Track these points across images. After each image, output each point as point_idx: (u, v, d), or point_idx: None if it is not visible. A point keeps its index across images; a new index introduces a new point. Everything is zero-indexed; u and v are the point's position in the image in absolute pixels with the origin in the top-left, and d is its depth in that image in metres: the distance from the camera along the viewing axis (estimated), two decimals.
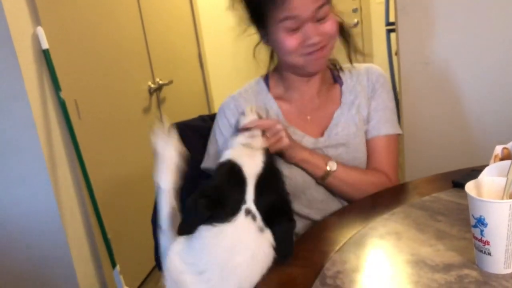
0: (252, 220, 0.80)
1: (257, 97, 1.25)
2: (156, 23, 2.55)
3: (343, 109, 1.24)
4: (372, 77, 1.26)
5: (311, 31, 1.09)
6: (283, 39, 1.12)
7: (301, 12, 1.08)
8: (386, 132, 1.24)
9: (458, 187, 1.08)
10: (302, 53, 1.13)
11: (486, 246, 0.75)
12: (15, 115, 1.62)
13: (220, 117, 1.26)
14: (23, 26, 1.62)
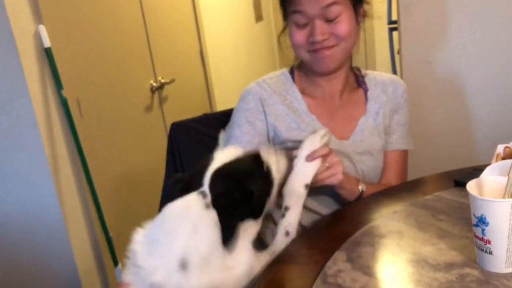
0: (202, 198, 0.85)
1: (281, 87, 1.25)
2: (158, 22, 2.55)
3: (368, 116, 1.25)
4: (398, 90, 1.27)
5: (317, 29, 1.10)
6: (292, 32, 1.15)
7: (308, 8, 1.10)
8: (404, 147, 1.29)
9: (460, 186, 1.08)
10: (308, 49, 1.15)
11: (488, 245, 0.75)
12: (17, 114, 1.62)
13: (243, 100, 1.24)
14: (25, 24, 1.62)
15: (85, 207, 1.85)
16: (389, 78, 1.29)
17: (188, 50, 2.93)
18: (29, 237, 1.75)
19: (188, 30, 2.94)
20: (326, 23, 1.11)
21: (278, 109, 1.21)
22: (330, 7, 1.09)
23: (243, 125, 1.20)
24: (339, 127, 1.23)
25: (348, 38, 1.14)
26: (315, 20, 1.11)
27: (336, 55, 1.16)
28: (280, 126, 1.20)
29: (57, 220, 1.71)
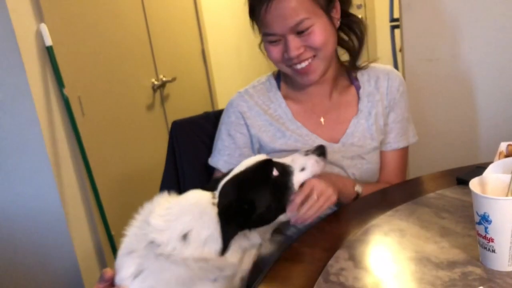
0: (211, 197, 0.93)
1: (265, 94, 1.23)
2: (159, 20, 2.55)
3: (359, 117, 1.21)
4: (393, 84, 1.22)
5: (290, 44, 1.08)
6: (267, 49, 1.13)
7: (278, 29, 1.07)
8: (402, 145, 1.25)
9: (463, 184, 1.07)
10: (286, 64, 1.13)
11: (490, 243, 0.75)
12: (19, 112, 1.62)
13: (226, 113, 1.24)
14: (27, 23, 1.62)
15: (87, 206, 1.85)
16: (384, 71, 1.24)
17: (189, 48, 2.93)
18: (31, 235, 1.75)
19: (189, 28, 2.93)
20: (298, 37, 1.08)
21: (260, 120, 1.20)
22: (301, 23, 1.06)
23: (225, 138, 1.22)
24: (329, 131, 1.20)
25: (325, 46, 1.10)
26: (286, 36, 1.08)
27: (316, 67, 1.12)
28: (264, 137, 1.19)
29: (59, 219, 1.71)
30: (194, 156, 1.34)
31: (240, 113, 1.20)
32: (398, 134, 1.24)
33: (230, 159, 1.20)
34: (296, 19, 1.05)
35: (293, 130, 1.19)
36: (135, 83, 2.31)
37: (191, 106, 2.81)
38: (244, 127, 1.20)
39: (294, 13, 1.05)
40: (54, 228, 1.73)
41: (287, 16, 1.05)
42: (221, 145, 1.22)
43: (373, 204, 1.11)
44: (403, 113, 1.25)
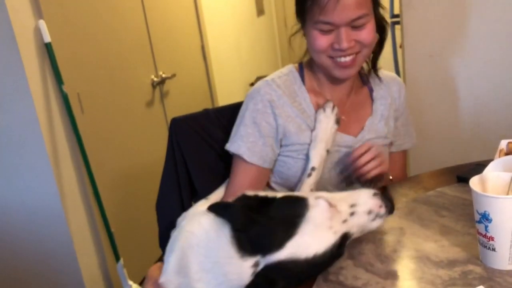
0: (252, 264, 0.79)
1: (291, 87, 1.22)
2: (159, 16, 2.54)
3: (374, 118, 1.25)
4: (401, 90, 1.29)
5: (343, 36, 1.08)
6: (315, 37, 1.12)
7: (337, 20, 1.07)
8: (407, 147, 1.34)
9: (463, 182, 1.07)
10: (330, 55, 1.13)
11: (491, 241, 0.75)
12: (18, 109, 1.61)
13: (251, 100, 1.20)
14: (25, 19, 1.61)
15: (87, 203, 1.85)
16: (391, 77, 1.30)
17: (189, 44, 2.92)
18: (31, 233, 1.75)
19: (189, 25, 2.93)
20: (351, 30, 1.09)
21: (288, 111, 1.19)
22: (361, 18, 1.08)
23: (249, 125, 1.19)
24: (347, 126, 1.23)
25: (372, 44, 1.14)
26: (341, 28, 1.08)
27: (358, 62, 1.14)
28: (291, 128, 1.18)
29: (58, 216, 1.71)
30: (194, 153, 1.33)
31: (268, 101, 1.18)
32: (406, 136, 1.32)
33: (254, 147, 1.17)
34: (358, 13, 1.06)
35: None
36: (134, 80, 2.31)
37: (191, 103, 2.81)
38: (271, 116, 1.18)
39: (358, 6, 1.06)
40: (53, 225, 1.73)
41: (351, 8, 1.05)
42: (244, 131, 1.19)
43: None
44: (408, 117, 1.33)
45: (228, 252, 0.78)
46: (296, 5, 1.16)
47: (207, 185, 1.31)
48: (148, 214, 1.53)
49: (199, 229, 0.83)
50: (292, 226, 0.78)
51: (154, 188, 1.39)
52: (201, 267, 0.80)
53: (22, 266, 1.79)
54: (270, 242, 0.77)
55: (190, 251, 0.83)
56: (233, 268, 0.77)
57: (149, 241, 1.65)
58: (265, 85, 1.20)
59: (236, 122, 1.23)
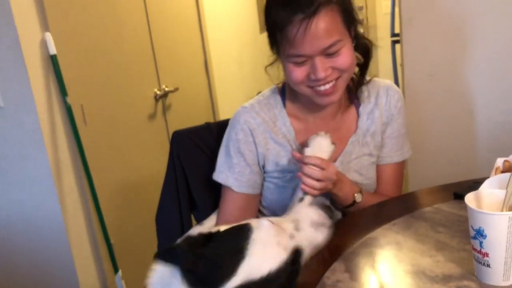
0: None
1: (271, 111, 1.20)
2: (163, 30, 2.57)
3: (358, 135, 1.21)
4: (391, 101, 1.22)
5: (318, 66, 1.04)
6: (290, 70, 1.08)
7: (309, 51, 1.03)
8: (397, 160, 1.26)
9: (460, 199, 1.08)
10: (308, 85, 1.09)
11: (485, 258, 0.76)
12: (22, 119, 1.63)
13: (233, 129, 1.20)
14: (32, 31, 1.64)
15: (87, 214, 1.86)
16: (384, 86, 1.23)
17: (192, 59, 2.95)
18: (30, 242, 1.75)
19: (192, 40, 2.96)
20: (326, 58, 1.05)
21: (267, 138, 1.18)
22: (331, 46, 1.03)
23: (233, 156, 1.19)
24: None
25: (351, 68, 1.09)
26: (315, 58, 1.04)
27: (339, 88, 1.10)
28: (269, 156, 1.18)
29: (58, 226, 1.72)
30: (194, 166, 1.35)
31: (249, 129, 1.17)
32: (393, 149, 1.25)
33: (241, 176, 1.18)
34: (329, 41, 1.02)
35: (295, 150, 1.18)
36: (137, 93, 2.33)
37: (193, 117, 2.83)
38: (253, 144, 1.18)
39: (327, 34, 1.01)
40: (53, 236, 1.73)
41: (320, 37, 1.01)
42: (230, 162, 1.19)
43: (370, 217, 1.12)
44: (400, 129, 1.25)
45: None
46: (268, 38, 1.13)
47: (206, 198, 1.32)
48: (148, 226, 1.54)
49: (155, 277, 0.82)
50: (239, 251, 0.77)
51: (154, 200, 1.40)
52: None
53: (21, 276, 1.79)
54: (221, 273, 0.75)
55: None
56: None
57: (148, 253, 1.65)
58: (243, 113, 1.19)
59: (220, 150, 1.23)
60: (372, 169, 1.24)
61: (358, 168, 1.21)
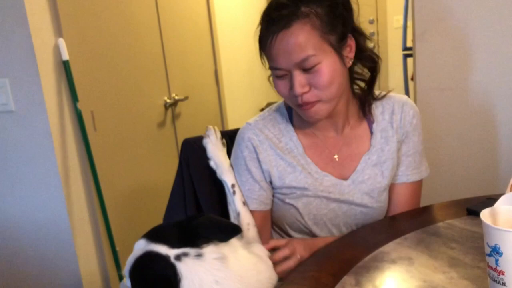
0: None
1: (276, 126, 1.18)
2: (174, 40, 2.59)
3: (371, 153, 1.17)
4: (406, 117, 1.17)
5: (295, 81, 1.03)
6: (275, 82, 1.09)
7: (283, 64, 1.03)
8: (414, 179, 1.20)
9: (473, 215, 1.06)
10: (292, 102, 1.09)
11: (501, 275, 0.74)
12: (32, 123, 1.64)
13: (238, 147, 1.19)
14: (46, 37, 1.65)
15: (94, 220, 1.85)
16: (399, 102, 1.19)
17: (203, 68, 2.96)
18: (37, 247, 1.75)
19: (204, 49, 2.97)
20: (304, 73, 1.03)
21: (271, 154, 1.16)
22: (307, 60, 1.01)
23: (242, 173, 1.18)
24: (340, 166, 1.17)
25: (330, 87, 1.04)
26: (292, 71, 1.03)
27: (321, 110, 1.07)
28: (274, 172, 1.16)
29: (64, 231, 1.71)
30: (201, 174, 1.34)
31: (253, 147, 1.16)
32: (409, 167, 1.20)
33: (251, 194, 1.17)
34: (301, 55, 1.00)
35: (303, 165, 1.15)
36: (148, 101, 2.34)
37: (202, 125, 2.82)
38: (257, 161, 1.17)
39: (299, 49, 1.00)
40: (59, 241, 1.73)
41: (292, 51, 1.00)
42: (239, 179, 1.19)
43: (381, 230, 1.10)
44: (416, 146, 1.20)
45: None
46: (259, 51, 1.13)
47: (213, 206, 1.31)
48: None
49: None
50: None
51: (161, 208, 1.39)
52: None
53: (26, 278, 1.79)
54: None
55: None
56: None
57: None
58: (247, 130, 1.18)
59: (232, 161, 1.22)
60: (385, 193, 1.19)
61: (369, 190, 1.16)
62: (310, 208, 1.16)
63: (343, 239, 1.10)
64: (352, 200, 1.16)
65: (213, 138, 1.14)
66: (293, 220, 1.19)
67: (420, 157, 1.22)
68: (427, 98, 1.84)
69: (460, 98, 1.80)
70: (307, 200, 1.15)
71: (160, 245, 0.84)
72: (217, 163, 1.16)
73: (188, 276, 0.81)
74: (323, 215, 1.17)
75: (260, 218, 1.18)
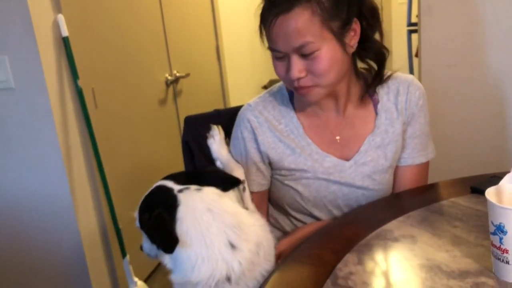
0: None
1: (276, 108, 1.17)
2: (175, 16, 2.55)
3: (376, 135, 1.15)
4: (412, 98, 1.15)
5: (292, 65, 1.02)
6: (273, 63, 1.08)
7: (282, 47, 1.02)
8: (419, 161, 1.19)
9: (477, 193, 1.06)
10: (289, 84, 1.08)
11: (505, 254, 0.74)
12: (33, 101, 1.63)
13: (238, 128, 1.19)
14: (44, 13, 1.62)
15: (96, 198, 1.86)
16: (405, 82, 1.16)
17: (204, 45, 2.93)
18: (39, 224, 1.76)
19: (205, 25, 2.94)
20: (302, 59, 1.01)
21: (269, 137, 1.15)
22: (306, 47, 0.99)
23: (240, 154, 1.18)
24: (342, 147, 1.16)
25: (327, 74, 1.02)
26: (290, 55, 1.02)
27: (317, 94, 1.06)
28: (273, 155, 1.15)
29: (67, 210, 1.72)
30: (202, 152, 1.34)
31: (252, 128, 1.16)
32: (415, 149, 1.18)
33: (249, 175, 1.17)
34: (300, 41, 0.99)
35: (303, 147, 1.14)
36: (149, 78, 2.32)
37: (203, 103, 2.81)
38: (255, 142, 1.16)
39: (298, 34, 0.98)
40: (62, 218, 1.73)
41: (291, 36, 0.99)
42: (240, 160, 1.18)
43: (384, 208, 1.09)
44: (422, 128, 1.18)
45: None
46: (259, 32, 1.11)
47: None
48: None
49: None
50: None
51: None
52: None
53: (29, 258, 1.80)
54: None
55: None
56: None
57: None
58: (247, 111, 1.17)
59: (231, 142, 1.22)
60: (387, 175, 1.17)
61: (371, 172, 1.15)
62: (310, 190, 1.15)
63: (346, 217, 1.09)
64: (353, 183, 1.15)
65: (218, 138, 1.11)
66: (292, 201, 1.19)
67: (426, 138, 1.20)
68: (432, 75, 1.82)
69: (466, 75, 1.77)
70: (306, 182, 1.15)
71: (169, 181, 0.97)
72: (223, 162, 1.12)
73: (185, 202, 0.92)
74: (323, 197, 1.16)
75: (256, 198, 1.18)
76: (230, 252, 0.88)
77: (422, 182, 1.21)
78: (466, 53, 1.75)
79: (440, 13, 1.74)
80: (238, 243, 0.89)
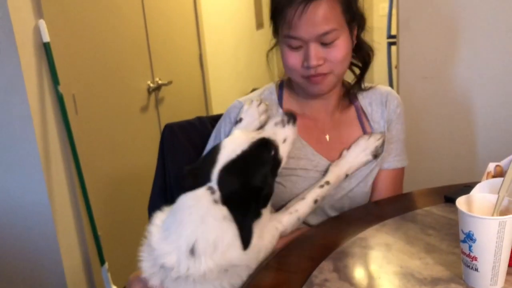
0: (209, 193, 0.89)
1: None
2: (158, 23, 2.55)
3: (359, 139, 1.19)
4: (391, 106, 1.21)
5: (312, 53, 1.04)
6: (285, 54, 1.09)
7: (304, 34, 1.04)
8: (394, 166, 1.22)
9: (450, 202, 1.08)
10: (302, 74, 1.09)
11: (474, 261, 0.76)
12: (12, 106, 1.61)
13: (223, 122, 1.20)
14: (25, 18, 1.61)
15: (75, 205, 1.84)
16: (384, 93, 1.22)
17: (187, 53, 2.93)
18: (17, 231, 1.74)
19: (188, 33, 2.94)
20: (321, 47, 1.05)
21: None
22: (328, 34, 1.03)
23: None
24: (331, 148, 1.18)
25: (343, 62, 1.09)
26: (310, 43, 1.04)
27: (330, 82, 1.10)
28: None
29: (45, 216, 1.70)
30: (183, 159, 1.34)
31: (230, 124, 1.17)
32: (391, 154, 1.22)
33: None
34: (325, 28, 1.02)
35: (298, 147, 1.16)
36: (130, 85, 2.31)
37: (185, 110, 2.81)
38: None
39: (325, 21, 1.02)
40: (40, 225, 1.72)
41: (317, 23, 1.02)
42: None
43: (360, 216, 1.11)
44: (399, 133, 1.22)
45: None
46: (270, 21, 1.13)
47: None
48: (136, 219, 1.53)
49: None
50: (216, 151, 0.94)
51: (144, 193, 1.39)
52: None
53: (5, 264, 1.77)
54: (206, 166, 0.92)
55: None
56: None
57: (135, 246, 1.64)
58: (236, 108, 1.18)
59: (209, 142, 1.23)
60: (369, 177, 1.20)
61: (357, 173, 1.18)
62: (298, 188, 1.16)
63: (324, 224, 1.11)
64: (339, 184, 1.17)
65: (372, 140, 1.15)
66: (277, 200, 1.19)
67: (402, 145, 1.24)
68: (409, 86, 1.86)
69: (441, 87, 1.82)
70: (295, 179, 1.16)
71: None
72: (345, 156, 1.15)
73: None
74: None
75: None
76: (185, 255, 0.85)
77: (397, 187, 1.25)
78: (441, 66, 1.80)
79: (417, 27, 1.79)
80: (200, 253, 0.85)
